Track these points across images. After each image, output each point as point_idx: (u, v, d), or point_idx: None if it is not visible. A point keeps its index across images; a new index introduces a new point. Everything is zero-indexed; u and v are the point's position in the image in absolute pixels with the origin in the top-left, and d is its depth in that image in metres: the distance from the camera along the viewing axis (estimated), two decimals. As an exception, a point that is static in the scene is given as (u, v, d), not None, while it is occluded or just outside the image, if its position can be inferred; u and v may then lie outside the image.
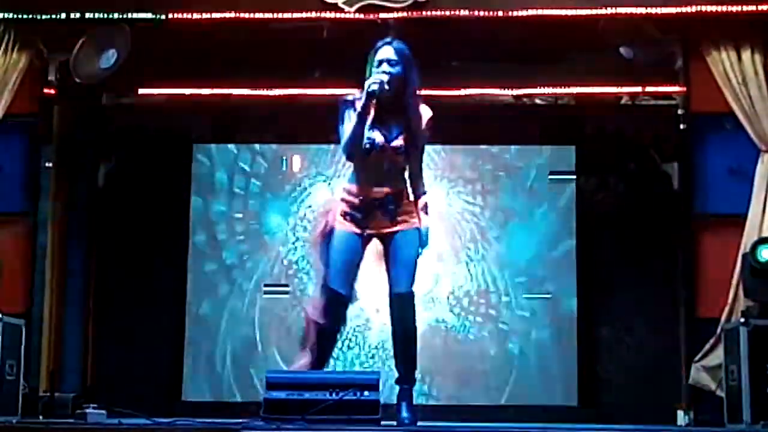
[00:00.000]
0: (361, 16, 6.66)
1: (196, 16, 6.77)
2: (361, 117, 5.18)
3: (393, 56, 5.27)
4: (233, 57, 7.19)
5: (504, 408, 7.13)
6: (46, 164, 7.02)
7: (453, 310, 7.36)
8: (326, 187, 7.40)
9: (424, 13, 6.68)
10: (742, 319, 5.91)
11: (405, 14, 6.66)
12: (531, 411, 7.08)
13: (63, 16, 6.79)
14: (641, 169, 7.28)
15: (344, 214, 5.34)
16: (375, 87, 5.16)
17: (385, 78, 5.20)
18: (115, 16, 6.78)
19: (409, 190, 5.40)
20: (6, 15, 6.79)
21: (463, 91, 7.19)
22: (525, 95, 7.25)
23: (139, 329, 7.28)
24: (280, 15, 6.75)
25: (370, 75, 5.25)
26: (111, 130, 7.52)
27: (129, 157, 7.55)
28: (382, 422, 5.06)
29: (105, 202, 7.51)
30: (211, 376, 7.39)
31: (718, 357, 6.31)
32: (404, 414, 5.30)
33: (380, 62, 5.26)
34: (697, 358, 6.55)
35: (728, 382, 6.03)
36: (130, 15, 6.79)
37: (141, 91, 7.32)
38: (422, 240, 5.36)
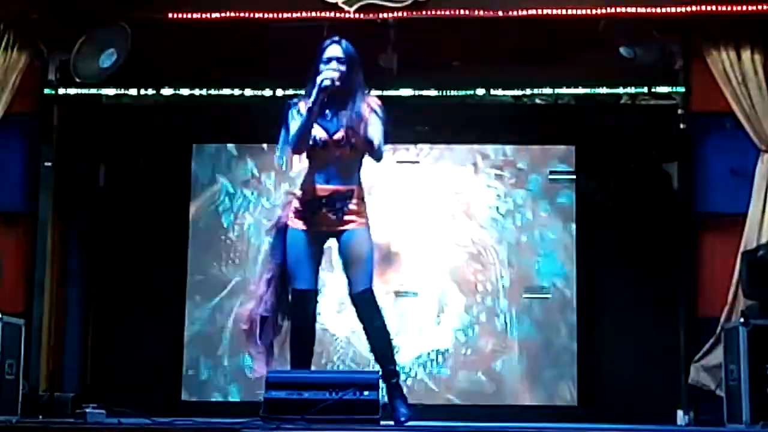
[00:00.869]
0: (361, 16, 6.66)
1: (195, 16, 6.77)
2: (311, 111, 5.26)
3: (341, 54, 5.36)
4: (233, 57, 7.18)
5: (504, 408, 7.12)
6: (46, 164, 7.02)
7: (452, 309, 7.36)
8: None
9: (424, 12, 6.67)
10: (742, 319, 5.91)
11: (405, 14, 6.66)
12: (531, 411, 7.08)
13: (63, 15, 6.79)
14: (641, 168, 7.27)
15: (295, 212, 5.41)
16: (327, 82, 5.25)
17: (337, 75, 5.28)
18: (116, 15, 6.79)
19: (363, 189, 5.43)
20: (6, 14, 6.78)
21: (462, 91, 7.18)
22: (525, 95, 7.25)
23: (139, 329, 7.28)
24: (280, 15, 6.76)
25: (318, 71, 5.32)
26: (111, 130, 7.52)
27: (129, 157, 7.54)
28: (382, 422, 5.07)
29: (105, 202, 7.50)
30: (211, 375, 7.38)
31: (717, 357, 6.31)
32: (401, 410, 5.30)
33: (329, 59, 5.35)
34: (696, 357, 6.55)
35: (728, 381, 6.03)
36: (130, 15, 6.79)
37: (141, 90, 7.31)
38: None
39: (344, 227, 5.37)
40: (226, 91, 7.24)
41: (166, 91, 7.23)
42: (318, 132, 5.32)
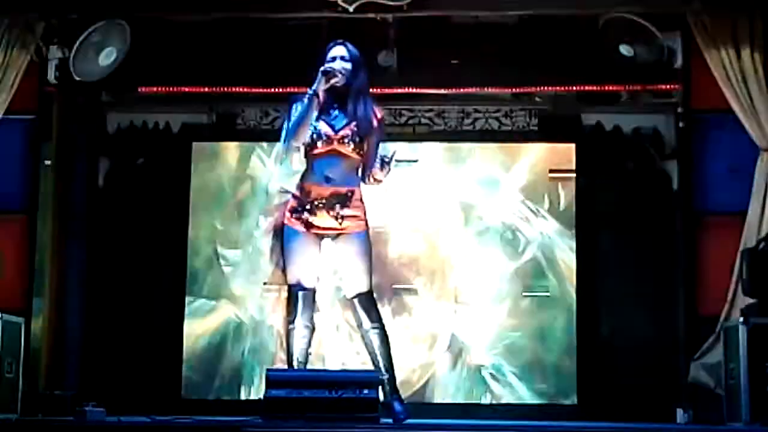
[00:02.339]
0: (361, 14, 6.66)
1: (196, 14, 6.76)
2: (311, 99, 5.32)
3: (345, 53, 5.45)
4: (233, 55, 7.18)
5: (503, 406, 7.12)
6: (46, 162, 7.02)
7: (452, 308, 7.36)
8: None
9: (423, 11, 6.66)
10: (742, 318, 5.91)
11: (404, 13, 6.65)
12: (531, 409, 7.08)
13: (63, 13, 6.78)
14: (641, 166, 7.27)
15: (291, 211, 5.41)
16: (329, 69, 5.35)
17: (339, 67, 5.38)
18: (115, 14, 6.78)
19: (362, 190, 5.44)
20: (5, 13, 6.78)
21: (462, 90, 7.18)
22: (524, 93, 7.24)
23: (139, 327, 7.27)
24: (279, 13, 6.75)
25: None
26: (111, 129, 7.51)
27: (129, 156, 7.53)
28: (381, 420, 5.08)
29: (104, 201, 7.49)
30: (210, 374, 7.37)
31: (717, 355, 6.31)
32: (397, 408, 5.32)
33: (333, 58, 5.45)
34: (696, 356, 6.55)
35: (728, 380, 6.03)
36: (130, 13, 6.78)
37: (141, 89, 7.31)
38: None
39: (343, 230, 5.36)
40: (226, 90, 7.24)
41: (166, 90, 7.23)
42: (323, 127, 5.35)
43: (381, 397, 5.29)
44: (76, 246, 7.34)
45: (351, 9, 6.63)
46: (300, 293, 5.40)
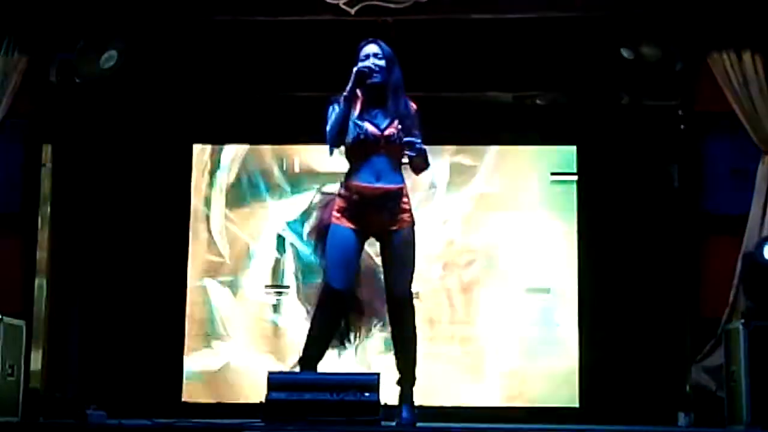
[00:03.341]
0: (362, 17, 6.66)
1: (197, 17, 6.77)
2: (348, 100, 5.26)
3: (378, 51, 5.38)
4: (234, 57, 7.19)
5: (504, 409, 7.13)
6: (46, 164, 7.02)
7: (452, 309, 7.36)
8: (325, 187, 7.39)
9: (424, 14, 6.66)
10: (743, 320, 5.91)
11: (406, 15, 6.65)
12: (532, 411, 7.08)
13: (64, 16, 6.79)
14: (642, 169, 7.27)
15: (340, 210, 5.35)
16: (364, 69, 5.27)
17: (373, 66, 5.30)
18: (116, 16, 6.79)
19: (408, 187, 5.42)
20: (6, 15, 6.78)
21: (463, 92, 7.18)
22: (525, 95, 7.24)
23: (139, 329, 7.28)
24: (281, 16, 6.75)
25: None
26: (111, 131, 7.51)
27: (129, 157, 7.53)
28: (382, 423, 5.08)
29: (104, 202, 7.49)
30: (211, 376, 7.38)
31: (719, 358, 6.31)
32: (404, 414, 5.32)
33: (366, 56, 5.38)
34: (698, 358, 6.55)
35: (729, 383, 6.03)
36: (132, 16, 6.79)
37: (141, 91, 7.31)
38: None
39: (395, 227, 5.36)
40: (227, 92, 7.24)
41: (167, 92, 7.23)
42: (369, 127, 5.28)
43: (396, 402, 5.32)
44: (76, 247, 7.34)
45: (352, 12, 6.63)
46: (334, 293, 5.37)
